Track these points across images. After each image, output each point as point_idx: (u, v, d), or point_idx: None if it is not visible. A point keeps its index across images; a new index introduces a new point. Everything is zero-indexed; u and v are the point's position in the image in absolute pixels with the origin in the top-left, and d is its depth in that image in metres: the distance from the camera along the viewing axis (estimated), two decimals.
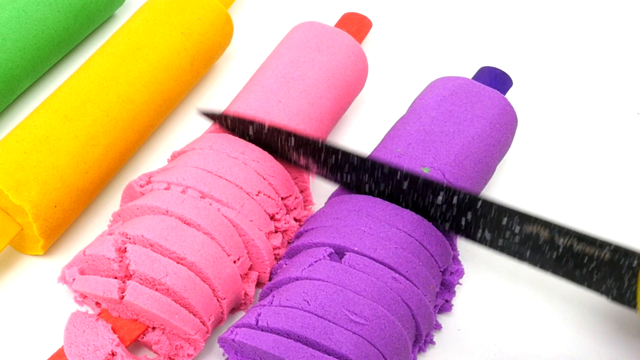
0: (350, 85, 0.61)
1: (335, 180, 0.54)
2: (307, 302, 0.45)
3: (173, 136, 0.63)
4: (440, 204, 0.50)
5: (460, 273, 0.52)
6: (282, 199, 0.53)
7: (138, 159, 0.61)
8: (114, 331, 0.47)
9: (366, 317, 0.45)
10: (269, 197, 0.52)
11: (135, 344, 0.49)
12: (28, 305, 0.51)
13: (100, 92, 0.56)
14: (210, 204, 0.50)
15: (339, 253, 0.48)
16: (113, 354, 0.46)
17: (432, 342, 0.51)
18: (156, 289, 0.47)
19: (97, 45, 0.69)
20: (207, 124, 0.63)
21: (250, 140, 0.54)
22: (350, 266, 0.47)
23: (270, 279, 0.52)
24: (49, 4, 0.62)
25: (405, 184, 0.51)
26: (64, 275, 0.50)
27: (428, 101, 0.57)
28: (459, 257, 0.54)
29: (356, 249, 0.48)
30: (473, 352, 0.51)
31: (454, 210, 0.50)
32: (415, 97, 0.62)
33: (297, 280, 0.47)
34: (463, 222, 0.51)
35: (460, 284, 0.54)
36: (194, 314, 0.47)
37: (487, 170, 0.56)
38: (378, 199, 0.51)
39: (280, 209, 0.53)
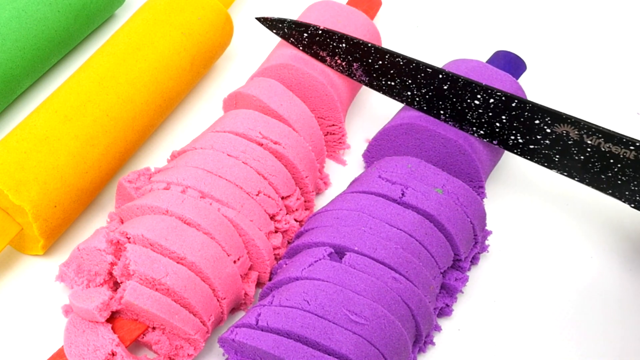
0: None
1: (381, 88, 0.57)
2: (307, 302, 0.45)
3: (173, 136, 0.63)
4: (478, 104, 0.53)
5: (464, 280, 0.52)
6: (283, 198, 0.53)
7: (138, 159, 0.61)
8: (114, 331, 0.47)
9: (366, 317, 0.45)
10: (269, 197, 0.52)
11: (135, 344, 0.49)
12: (28, 305, 0.51)
13: (100, 92, 0.56)
14: (211, 204, 0.50)
15: (339, 253, 0.48)
16: (113, 354, 0.46)
17: (432, 343, 0.51)
18: (156, 289, 0.47)
19: (97, 45, 0.69)
20: (208, 123, 0.63)
21: (303, 47, 0.58)
22: (350, 266, 0.47)
23: (270, 279, 0.52)
24: (49, 4, 0.62)
25: (446, 86, 0.53)
26: (62, 273, 0.50)
27: None
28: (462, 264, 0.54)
29: (356, 248, 0.48)
30: (473, 352, 0.51)
31: (489, 112, 0.53)
32: None
33: (297, 280, 0.47)
34: (498, 126, 0.53)
35: (462, 292, 0.53)
36: (194, 314, 0.47)
37: (497, 152, 0.57)
38: (379, 198, 0.51)
39: (281, 209, 0.53)
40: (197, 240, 0.48)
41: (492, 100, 0.53)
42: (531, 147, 0.53)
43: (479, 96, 0.53)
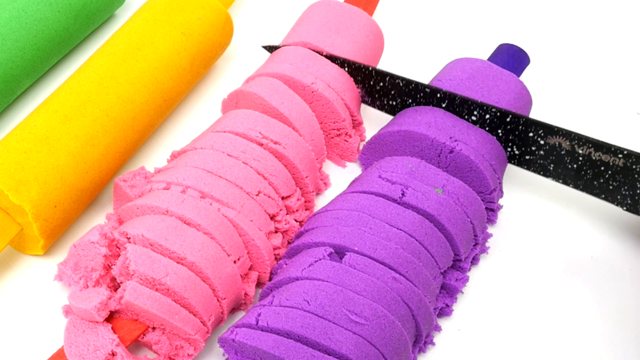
0: (368, 63, 0.62)
1: (383, 107, 0.60)
2: (307, 302, 0.45)
3: (173, 136, 0.63)
4: (475, 120, 0.56)
5: (464, 280, 0.52)
6: (283, 198, 0.53)
7: (138, 159, 0.61)
8: (114, 331, 0.47)
9: (366, 317, 0.45)
10: (269, 197, 0.52)
11: (135, 344, 0.49)
12: (28, 306, 0.51)
13: (100, 92, 0.56)
14: (211, 204, 0.50)
15: (339, 253, 0.48)
16: (113, 354, 0.46)
17: (432, 343, 0.51)
18: (156, 289, 0.47)
19: (97, 45, 0.69)
20: (207, 123, 0.63)
21: None
22: (350, 266, 0.47)
23: (270, 279, 0.52)
24: (49, 4, 0.62)
25: (444, 104, 0.56)
26: (60, 272, 0.50)
27: (445, 84, 0.58)
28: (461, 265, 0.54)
29: (356, 248, 0.48)
30: (473, 352, 0.51)
31: (486, 127, 0.56)
32: (429, 75, 0.64)
33: (297, 280, 0.47)
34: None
35: (462, 292, 0.53)
36: (194, 314, 0.47)
37: (504, 154, 0.57)
38: (380, 198, 0.51)
39: (281, 209, 0.53)
40: (197, 240, 0.48)
41: (487, 116, 0.55)
42: (527, 157, 0.56)
43: (475, 112, 0.56)
